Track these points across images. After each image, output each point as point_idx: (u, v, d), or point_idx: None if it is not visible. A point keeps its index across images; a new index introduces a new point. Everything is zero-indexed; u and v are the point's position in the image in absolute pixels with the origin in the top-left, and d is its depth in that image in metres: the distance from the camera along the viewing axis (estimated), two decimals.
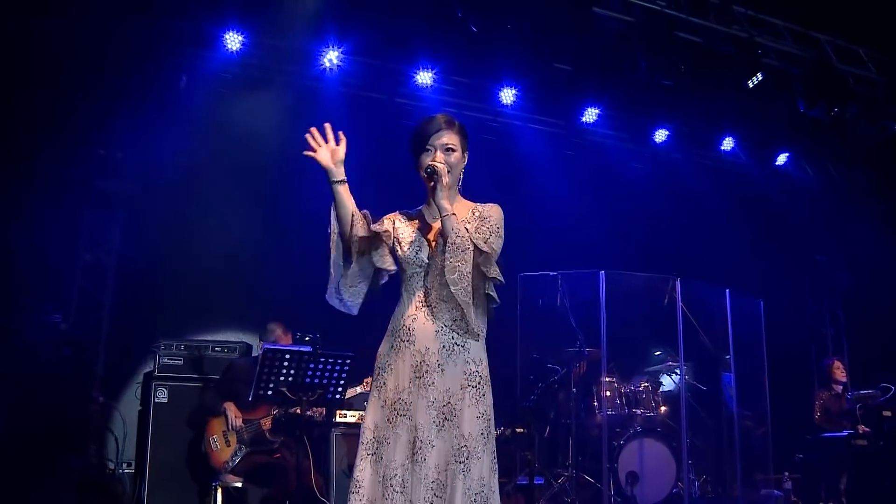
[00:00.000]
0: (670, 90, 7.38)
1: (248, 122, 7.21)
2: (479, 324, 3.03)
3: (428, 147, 3.07)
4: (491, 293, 3.01)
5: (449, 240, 2.93)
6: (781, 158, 9.02)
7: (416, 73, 7.36)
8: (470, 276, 2.92)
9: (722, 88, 7.61)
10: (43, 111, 6.21)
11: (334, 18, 6.77)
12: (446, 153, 3.07)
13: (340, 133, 3.12)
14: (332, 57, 7.10)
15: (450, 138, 3.09)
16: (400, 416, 2.92)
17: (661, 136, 8.54)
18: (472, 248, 2.93)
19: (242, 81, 7.17)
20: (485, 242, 2.97)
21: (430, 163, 3.03)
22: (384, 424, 2.95)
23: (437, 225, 3.07)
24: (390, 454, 2.89)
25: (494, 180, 3.28)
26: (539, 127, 8.35)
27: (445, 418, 2.89)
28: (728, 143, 8.73)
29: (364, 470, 2.93)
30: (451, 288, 2.89)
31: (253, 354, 6.42)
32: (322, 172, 3.11)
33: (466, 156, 3.15)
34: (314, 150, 3.10)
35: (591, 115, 8.14)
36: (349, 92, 7.45)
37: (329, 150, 3.11)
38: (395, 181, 7.19)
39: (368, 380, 5.58)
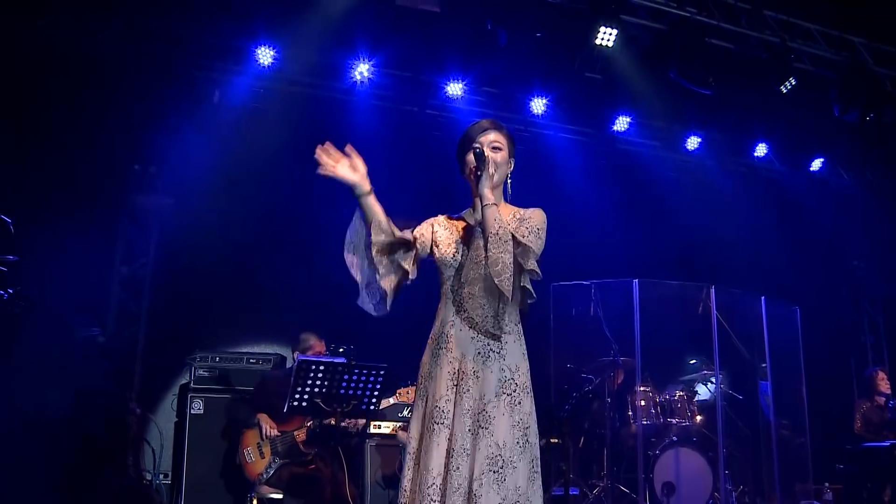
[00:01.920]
0: (702, 97, 7.33)
1: (280, 136, 7.27)
2: (513, 319, 3.02)
3: (475, 145, 3.08)
4: (527, 286, 2.98)
5: (491, 230, 2.90)
6: (816, 164, 8.92)
7: (446, 84, 7.39)
8: (512, 266, 2.89)
9: (754, 94, 7.55)
10: (78, 127, 6.32)
11: (364, 32, 6.82)
12: (493, 151, 3.08)
13: (348, 146, 3.03)
14: (362, 70, 7.15)
15: (497, 137, 3.11)
16: (437, 424, 2.90)
17: (693, 143, 8.48)
18: (511, 239, 2.92)
19: (274, 95, 7.24)
20: (523, 237, 2.95)
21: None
22: (425, 433, 2.94)
23: (474, 222, 3.08)
24: (426, 463, 2.87)
25: (526, 190, 3.26)
26: (570, 136, 8.34)
27: (480, 426, 2.86)
28: (761, 150, 8.65)
29: (410, 479, 2.94)
30: (496, 280, 2.85)
31: (287, 366, 6.46)
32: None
33: (513, 162, 3.16)
34: (331, 167, 3.01)
35: (622, 123, 8.12)
36: (380, 104, 7.49)
37: (348, 165, 3.02)
38: (426, 192, 7.27)
39: (401, 391, 5.59)
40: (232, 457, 6.01)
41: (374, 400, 5.19)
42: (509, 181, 3.16)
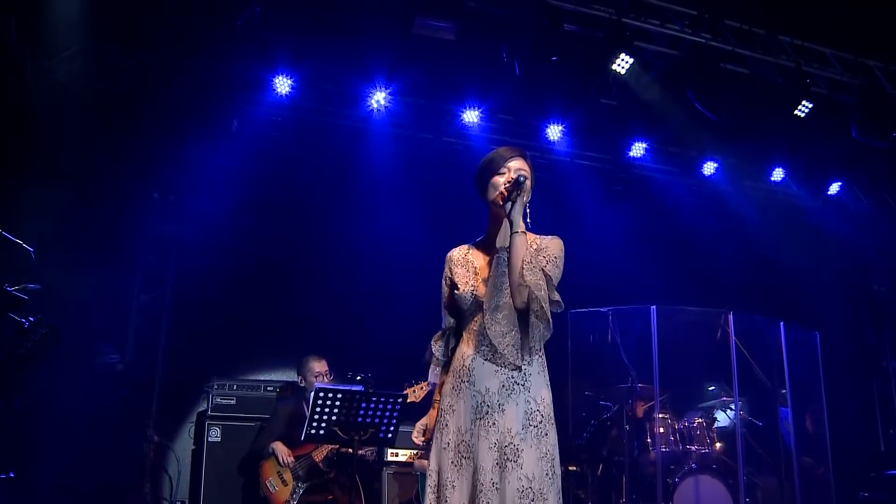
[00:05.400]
0: (718, 122, 7.33)
1: (298, 164, 7.34)
2: (536, 349, 3.03)
3: (503, 170, 3.08)
4: (549, 318, 2.99)
5: (525, 258, 2.93)
6: (834, 188, 8.88)
7: (462, 111, 7.43)
8: (548, 295, 2.93)
9: (770, 119, 7.54)
10: (97, 156, 6.40)
11: (381, 60, 6.88)
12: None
13: None
14: (379, 98, 7.21)
15: (522, 165, 3.11)
16: (464, 459, 2.91)
17: (709, 168, 8.47)
18: (541, 268, 2.96)
19: (292, 124, 7.30)
20: (543, 268, 2.98)
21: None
22: (448, 467, 2.93)
23: (498, 247, 3.10)
24: (455, 498, 2.87)
25: (542, 217, 3.26)
26: (586, 162, 8.36)
27: (508, 459, 2.86)
28: (778, 174, 8.62)
29: None
30: (543, 305, 2.89)
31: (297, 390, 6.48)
32: (371, 216, 3.16)
33: (530, 192, 3.15)
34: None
35: (638, 149, 8.13)
36: (396, 132, 7.54)
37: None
38: (441, 218, 7.29)
39: (408, 390, 5.57)
40: (250, 485, 6.01)
41: (391, 428, 5.17)
42: (528, 210, 3.17)
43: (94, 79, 6.33)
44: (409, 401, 5.50)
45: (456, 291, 3.12)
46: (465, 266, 3.17)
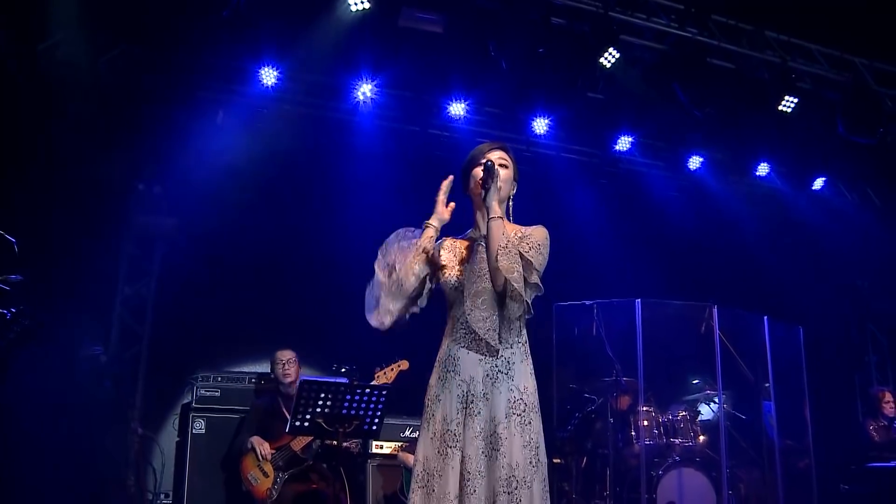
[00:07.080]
0: (704, 117, 7.35)
1: (284, 156, 7.30)
2: (520, 338, 3.05)
3: (482, 161, 3.11)
4: (528, 300, 3.00)
5: (500, 243, 2.95)
6: (818, 183, 8.91)
7: (449, 104, 7.42)
8: (523, 277, 2.94)
9: (756, 114, 7.57)
10: (81, 147, 6.35)
11: (367, 52, 6.85)
12: (500, 167, 3.11)
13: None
14: (365, 90, 7.19)
15: (503, 155, 3.17)
16: (450, 448, 2.93)
17: (695, 162, 8.49)
18: (518, 252, 2.97)
19: (277, 116, 7.27)
20: (525, 253, 2.99)
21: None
22: (435, 456, 2.95)
23: (479, 237, 3.11)
24: (443, 487, 2.88)
25: (528, 210, 3.28)
26: (572, 156, 8.36)
27: (493, 448, 2.89)
28: (763, 169, 8.65)
29: (416, 503, 2.94)
30: (516, 285, 2.90)
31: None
32: (357, 208, 3.13)
33: (516, 185, 3.20)
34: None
35: (624, 143, 8.13)
36: (383, 124, 7.52)
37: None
38: (428, 211, 7.28)
39: (379, 373, 5.59)
40: (233, 478, 6.00)
41: (376, 420, 5.18)
42: (511, 203, 3.19)
43: (78, 69, 6.28)
44: (380, 382, 5.53)
45: (442, 277, 3.14)
46: (452, 252, 3.21)
